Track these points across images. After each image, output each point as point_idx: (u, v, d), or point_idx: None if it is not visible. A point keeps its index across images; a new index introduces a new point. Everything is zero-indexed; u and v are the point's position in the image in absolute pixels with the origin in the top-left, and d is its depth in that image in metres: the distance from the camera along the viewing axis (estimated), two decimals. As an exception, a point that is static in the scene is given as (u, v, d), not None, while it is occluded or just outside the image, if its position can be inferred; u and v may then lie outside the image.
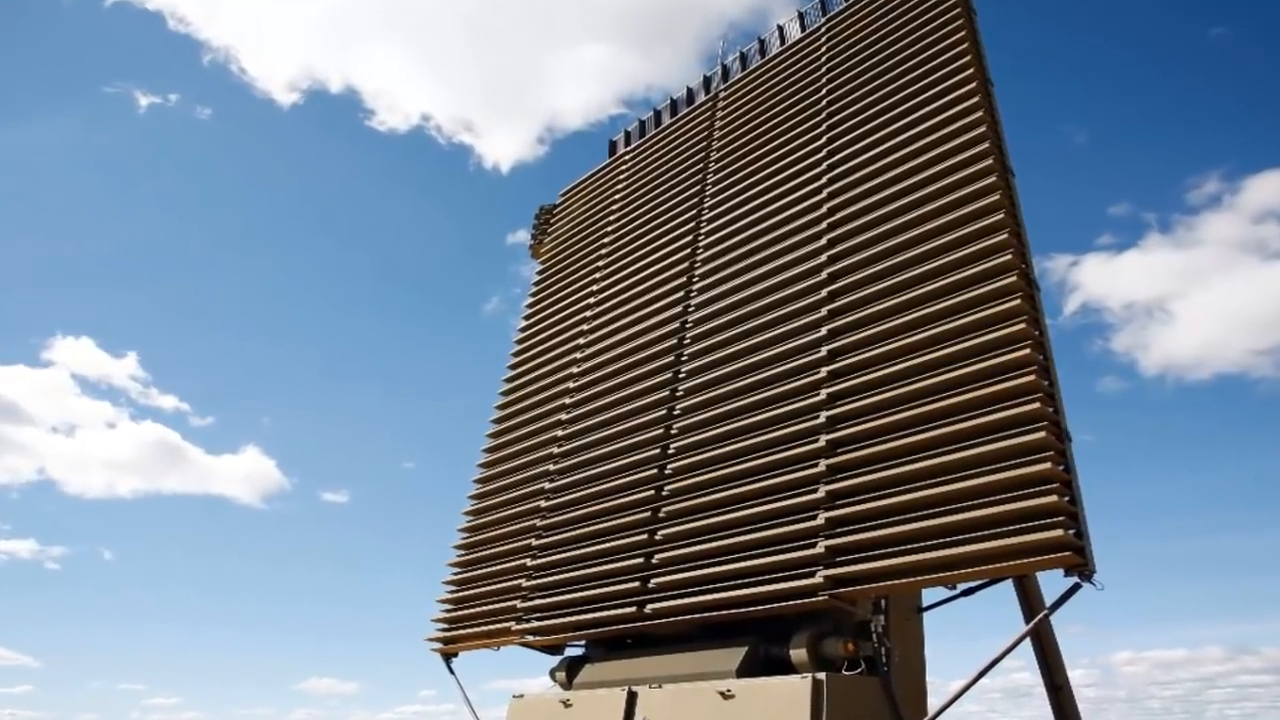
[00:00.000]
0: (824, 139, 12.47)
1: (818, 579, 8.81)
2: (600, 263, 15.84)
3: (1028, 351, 8.39)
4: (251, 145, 58.43)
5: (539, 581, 12.19)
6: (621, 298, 14.56)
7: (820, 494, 9.32)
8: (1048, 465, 7.69)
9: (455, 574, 13.88)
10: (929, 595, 10.33)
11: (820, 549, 8.97)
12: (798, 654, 8.90)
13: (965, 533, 7.98)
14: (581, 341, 14.75)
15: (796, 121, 13.36)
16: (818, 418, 9.89)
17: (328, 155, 58.82)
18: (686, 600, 9.99)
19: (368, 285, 60.99)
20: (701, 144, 15.40)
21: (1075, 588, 7.48)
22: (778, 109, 13.94)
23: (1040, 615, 8.03)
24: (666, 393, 12.26)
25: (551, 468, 13.42)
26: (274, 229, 59.75)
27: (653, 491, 11.45)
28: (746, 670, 9.19)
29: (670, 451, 11.60)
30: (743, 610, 9.52)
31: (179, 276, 58.06)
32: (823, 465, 9.50)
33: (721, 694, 8.80)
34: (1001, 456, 8.07)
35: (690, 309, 12.91)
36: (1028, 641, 10.11)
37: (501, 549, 13.32)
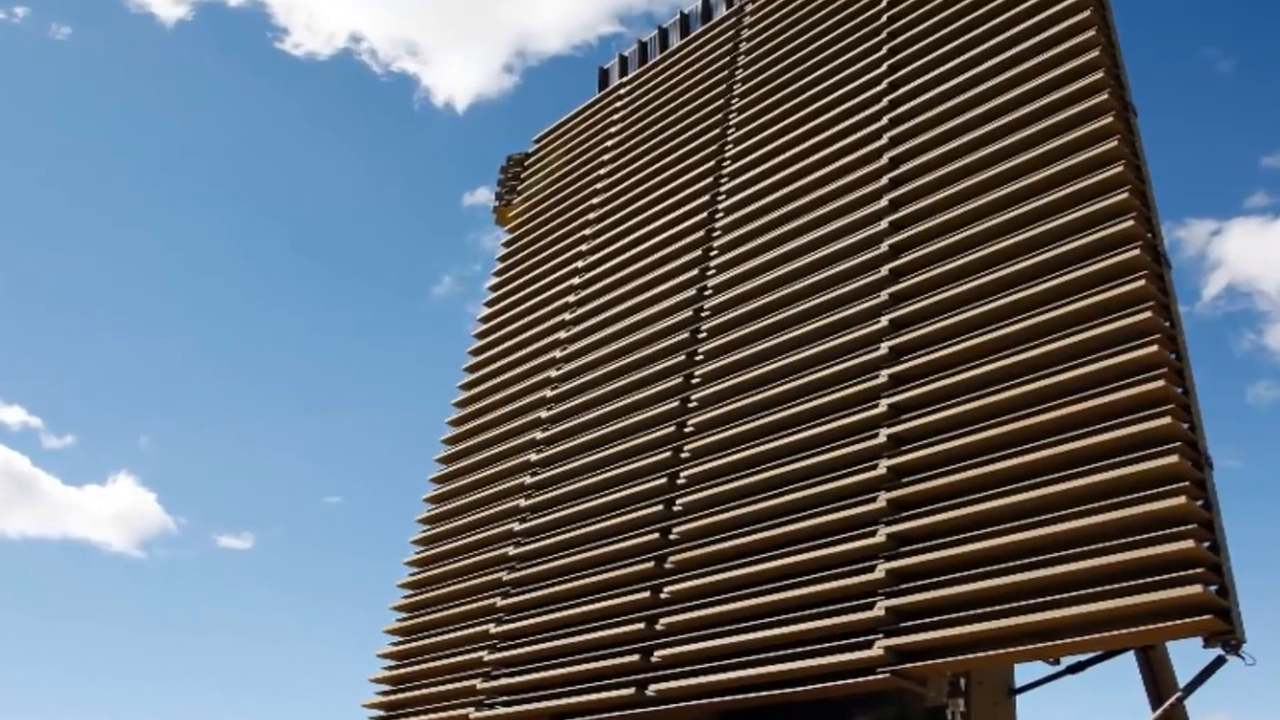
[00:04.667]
0: (884, 66, 12.51)
1: (876, 651, 8.79)
2: (589, 229, 15.89)
3: (1155, 349, 8.39)
4: (124, 76, 58.22)
5: (506, 654, 12.17)
6: (616, 276, 14.62)
7: (880, 538, 9.32)
8: (1182, 500, 7.67)
9: (395, 644, 13.89)
10: (1024, 673, 10.27)
11: (879, 611, 8.95)
12: (850, 750, 8.88)
13: (1072, 590, 7.94)
14: (563, 335, 14.81)
15: (849, 43, 13.38)
16: (877, 435, 9.92)
17: (226, 90, 58.55)
18: (702, 680, 9.98)
19: (280, 263, 60.58)
20: (723, 72, 15.45)
21: (1218, 662, 7.47)
22: (824, 26, 13.97)
23: (1172, 699, 8.03)
24: (676, 403, 12.31)
25: (523, 502, 13.44)
26: (155, 187, 59.41)
27: (657, 535, 11.46)
28: (782, 772, 9.17)
29: (680, 482, 11.63)
30: (776, 692, 9.50)
31: (25, 248, 57.92)
32: (883, 500, 9.51)
33: (749, 804, 8.78)
34: (1120, 489, 8.05)
35: (706, 292, 12.96)
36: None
37: (457, 610, 13.32)
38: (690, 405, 12.10)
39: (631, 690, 10.60)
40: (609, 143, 16.93)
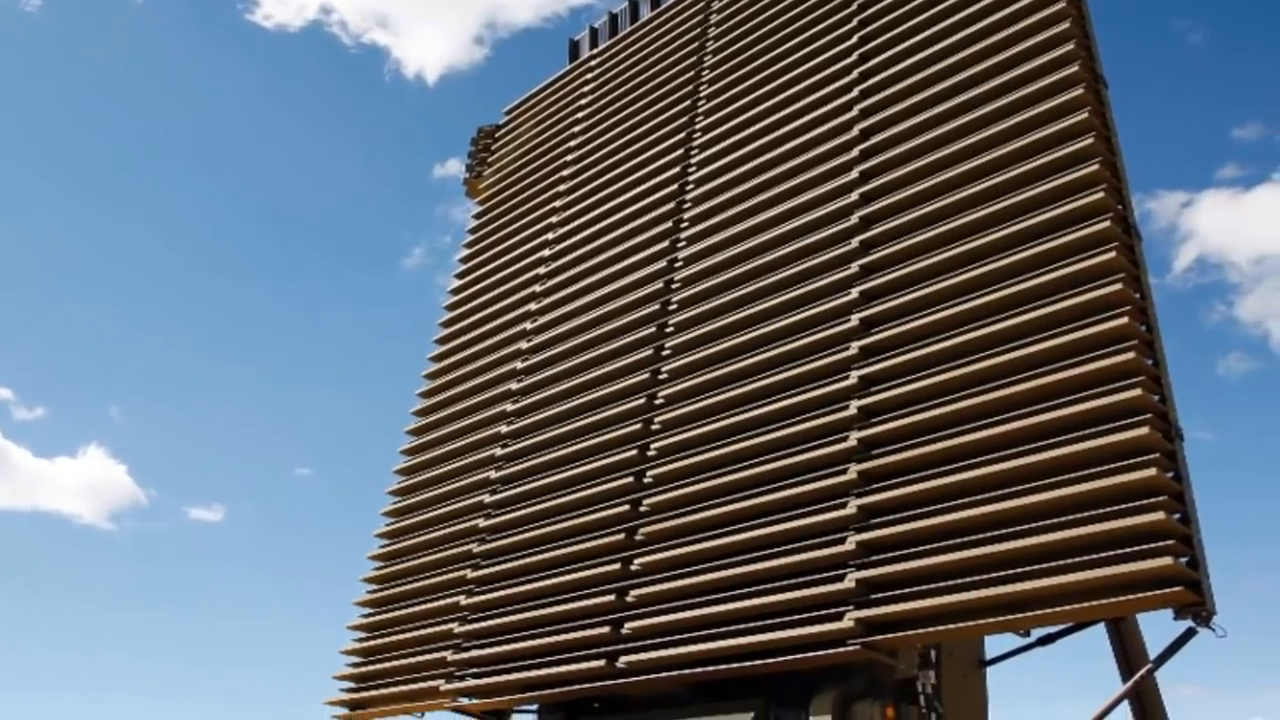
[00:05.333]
0: (855, 38, 12.42)
1: (846, 623, 8.72)
2: (559, 201, 15.78)
3: (1125, 321, 8.31)
4: (94, 47, 57.61)
5: (477, 626, 12.10)
6: (587, 248, 14.51)
7: (851, 510, 9.24)
8: (1152, 472, 7.61)
9: (366, 616, 13.82)
10: (994, 645, 10.29)
11: (850, 583, 8.89)
12: (820, 722, 8.82)
13: (1042, 562, 7.89)
14: (534, 307, 14.69)
15: (820, 14, 13.29)
16: (847, 408, 9.82)
17: (196, 61, 57.92)
18: (672, 651, 9.91)
19: (249, 236, 59.98)
20: (693, 44, 15.33)
21: (1189, 634, 7.45)
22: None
23: (1142, 671, 8.02)
24: (646, 375, 12.22)
25: (494, 474, 13.36)
26: (124, 160, 58.77)
27: (628, 507, 11.38)
28: (752, 743, 9.10)
29: (651, 454, 11.54)
30: (747, 664, 9.43)
31: (-3, 222, 57.38)
32: (853, 472, 9.43)
33: (719, 775, 8.74)
34: (1091, 461, 7.99)
35: (676, 264, 12.86)
36: (1125, 707, 10.12)
37: (427, 582, 13.25)
38: (661, 377, 12.00)
39: (602, 662, 10.51)
40: (579, 114, 16.80)
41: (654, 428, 11.67)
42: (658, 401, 11.85)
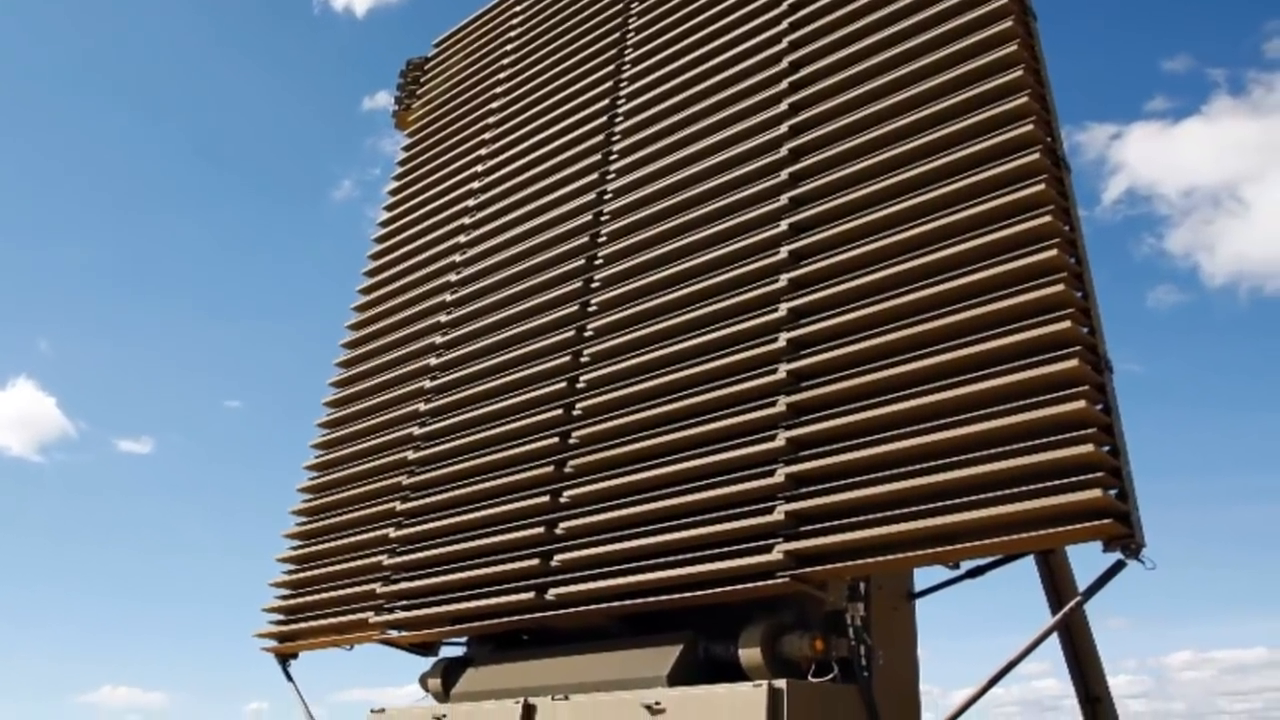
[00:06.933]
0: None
1: (775, 555, 8.54)
2: (488, 133, 15.41)
3: (1055, 253, 8.10)
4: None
5: (405, 558, 11.88)
6: (516, 180, 14.14)
7: (780, 442, 9.03)
8: (1081, 404, 7.44)
9: (295, 549, 13.56)
10: (923, 577, 10.19)
11: (779, 515, 8.69)
12: (749, 654, 8.66)
13: (971, 494, 7.73)
14: (463, 239, 14.34)
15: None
16: (776, 339, 9.58)
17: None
18: (601, 584, 9.72)
19: (177, 167, 58.52)
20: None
21: (1118, 567, 7.34)
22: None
23: (1071, 604, 7.93)
24: (575, 307, 11.93)
25: (422, 406, 13.06)
26: (46, 90, 56.83)
27: (557, 439, 11.13)
28: (681, 676, 8.96)
29: (579, 386, 11.27)
30: (676, 596, 9.26)
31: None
32: (782, 404, 9.20)
33: (648, 707, 8.58)
34: (1020, 393, 7.81)
35: (606, 196, 12.54)
36: (1054, 639, 10.11)
37: (356, 515, 13.01)
38: (590, 310, 11.72)
39: (531, 594, 10.33)
40: (508, 47, 16.35)
41: (582, 360, 11.42)
42: (587, 334, 11.56)
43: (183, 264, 55.67)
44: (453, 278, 14.01)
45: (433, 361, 13.34)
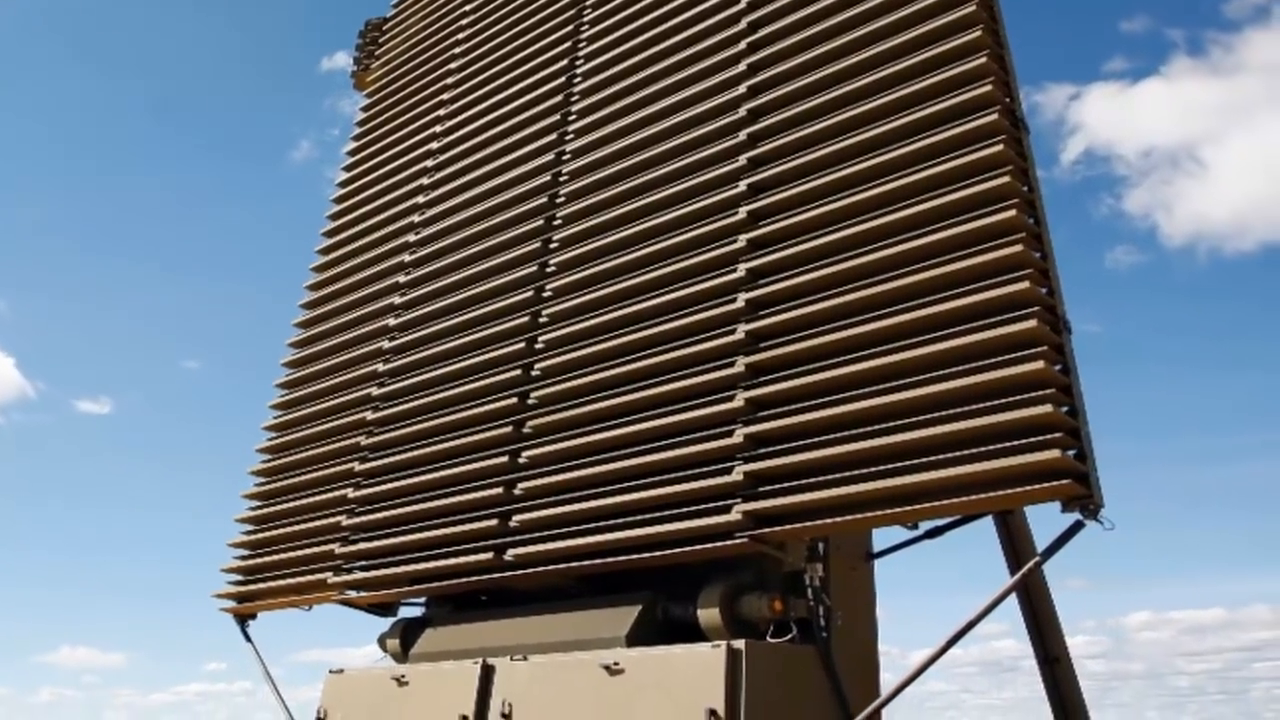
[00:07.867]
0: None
1: (734, 515, 8.42)
2: (446, 94, 15.16)
3: (1014, 214, 7.97)
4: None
5: (364, 519, 11.72)
6: (474, 140, 13.92)
7: (739, 402, 8.90)
8: (1040, 365, 7.33)
9: (253, 509, 13.38)
10: (882, 538, 10.11)
11: (738, 475, 8.57)
12: (708, 615, 8.58)
13: (930, 454, 7.63)
14: (421, 200, 14.10)
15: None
16: (735, 300, 9.43)
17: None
18: (560, 545, 9.60)
19: (134, 127, 57.81)
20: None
21: (1076, 527, 7.25)
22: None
23: (1029, 564, 7.85)
24: (534, 267, 11.75)
25: (381, 366, 12.86)
26: (3, 49, 56.45)
27: (516, 399, 10.97)
28: (640, 636, 8.87)
29: (538, 346, 11.10)
30: (634, 557, 9.15)
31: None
32: (741, 364, 9.06)
33: (607, 668, 8.50)
34: (979, 353, 7.69)
35: (565, 156, 12.33)
36: (1013, 600, 10.07)
37: (314, 475, 12.85)
38: (548, 270, 11.53)
39: (490, 555, 10.20)
40: (467, 6, 16.01)
41: (541, 320, 11.25)
42: (545, 295, 11.37)
43: (141, 224, 55.10)
44: (411, 238, 13.77)
45: (391, 322, 13.13)
